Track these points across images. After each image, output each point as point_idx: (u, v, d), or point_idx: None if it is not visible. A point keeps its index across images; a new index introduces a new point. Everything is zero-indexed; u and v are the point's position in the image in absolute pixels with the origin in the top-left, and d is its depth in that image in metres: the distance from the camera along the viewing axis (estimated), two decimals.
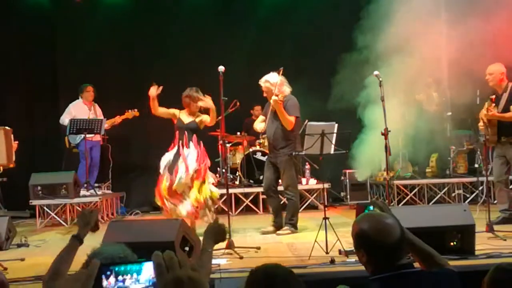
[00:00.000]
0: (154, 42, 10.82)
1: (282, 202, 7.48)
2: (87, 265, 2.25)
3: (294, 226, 6.99)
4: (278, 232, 6.93)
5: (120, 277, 1.29)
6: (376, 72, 6.31)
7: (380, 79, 6.18)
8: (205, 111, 7.15)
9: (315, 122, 6.14)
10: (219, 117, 6.56)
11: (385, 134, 6.01)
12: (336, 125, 6.05)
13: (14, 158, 7.82)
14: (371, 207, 2.68)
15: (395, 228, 2.47)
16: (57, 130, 10.07)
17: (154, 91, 6.88)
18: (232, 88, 6.82)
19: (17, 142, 7.87)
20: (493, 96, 6.62)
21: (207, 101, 6.88)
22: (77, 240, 3.03)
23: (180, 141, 7.01)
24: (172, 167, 6.90)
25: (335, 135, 5.93)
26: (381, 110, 6.16)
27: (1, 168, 7.72)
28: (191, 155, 6.93)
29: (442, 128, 9.36)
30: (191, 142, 7.02)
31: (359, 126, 8.07)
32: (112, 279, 1.29)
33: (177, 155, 6.95)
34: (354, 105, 8.11)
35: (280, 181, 7.26)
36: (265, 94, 7.05)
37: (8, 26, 10.59)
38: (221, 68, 6.20)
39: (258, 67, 7.82)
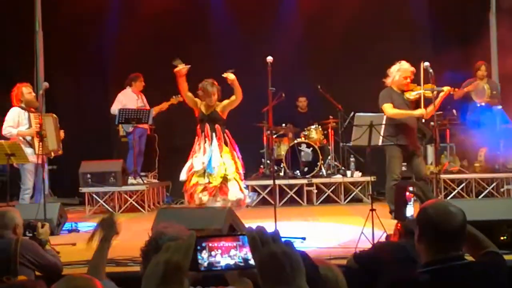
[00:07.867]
0: (198, 29, 10.74)
1: None
2: (149, 246, 2.31)
3: None
4: None
5: (213, 252, 1.32)
6: (426, 64, 6.22)
7: (431, 70, 6.09)
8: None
9: (363, 113, 6.10)
10: (266, 108, 6.54)
11: (434, 126, 5.93)
12: (385, 116, 6.00)
13: (61, 146, 8.07)
14: (411, 188, 2.70)
15: (459, 215, 2.49)
16: (106, 119, 10.16)
17: (183, 69, 6.48)
18: (276, 78, 6.46)
19: (63, 130, 8.08)
20: None
21: (231, 79, 6.47)
22: (106, 242, 3.22)
23: (203, 134, 6.72)
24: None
25: (383, 126, 5.88)
26: None
27: (52, 154, 7.96)
28: (215, 151, 6.57)
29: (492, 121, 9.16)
30: (213, 134, 6.66)
31: None
32: (205, 253, 1.32)
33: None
34: None
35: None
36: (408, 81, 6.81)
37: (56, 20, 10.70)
38: (270, 59, 6.03)
39: (303, 59, 7.78)
